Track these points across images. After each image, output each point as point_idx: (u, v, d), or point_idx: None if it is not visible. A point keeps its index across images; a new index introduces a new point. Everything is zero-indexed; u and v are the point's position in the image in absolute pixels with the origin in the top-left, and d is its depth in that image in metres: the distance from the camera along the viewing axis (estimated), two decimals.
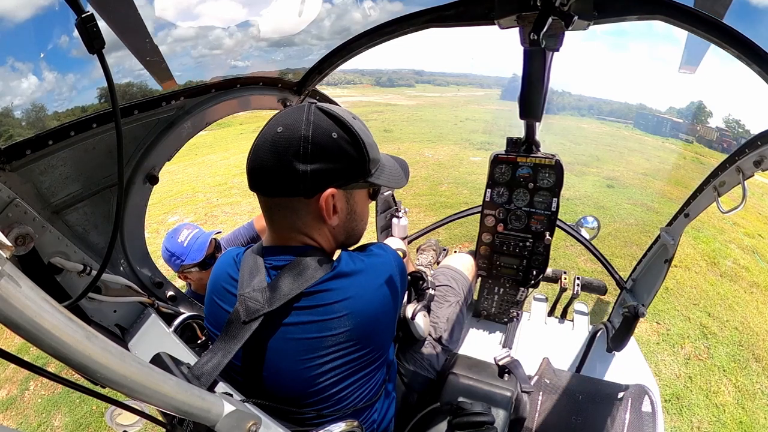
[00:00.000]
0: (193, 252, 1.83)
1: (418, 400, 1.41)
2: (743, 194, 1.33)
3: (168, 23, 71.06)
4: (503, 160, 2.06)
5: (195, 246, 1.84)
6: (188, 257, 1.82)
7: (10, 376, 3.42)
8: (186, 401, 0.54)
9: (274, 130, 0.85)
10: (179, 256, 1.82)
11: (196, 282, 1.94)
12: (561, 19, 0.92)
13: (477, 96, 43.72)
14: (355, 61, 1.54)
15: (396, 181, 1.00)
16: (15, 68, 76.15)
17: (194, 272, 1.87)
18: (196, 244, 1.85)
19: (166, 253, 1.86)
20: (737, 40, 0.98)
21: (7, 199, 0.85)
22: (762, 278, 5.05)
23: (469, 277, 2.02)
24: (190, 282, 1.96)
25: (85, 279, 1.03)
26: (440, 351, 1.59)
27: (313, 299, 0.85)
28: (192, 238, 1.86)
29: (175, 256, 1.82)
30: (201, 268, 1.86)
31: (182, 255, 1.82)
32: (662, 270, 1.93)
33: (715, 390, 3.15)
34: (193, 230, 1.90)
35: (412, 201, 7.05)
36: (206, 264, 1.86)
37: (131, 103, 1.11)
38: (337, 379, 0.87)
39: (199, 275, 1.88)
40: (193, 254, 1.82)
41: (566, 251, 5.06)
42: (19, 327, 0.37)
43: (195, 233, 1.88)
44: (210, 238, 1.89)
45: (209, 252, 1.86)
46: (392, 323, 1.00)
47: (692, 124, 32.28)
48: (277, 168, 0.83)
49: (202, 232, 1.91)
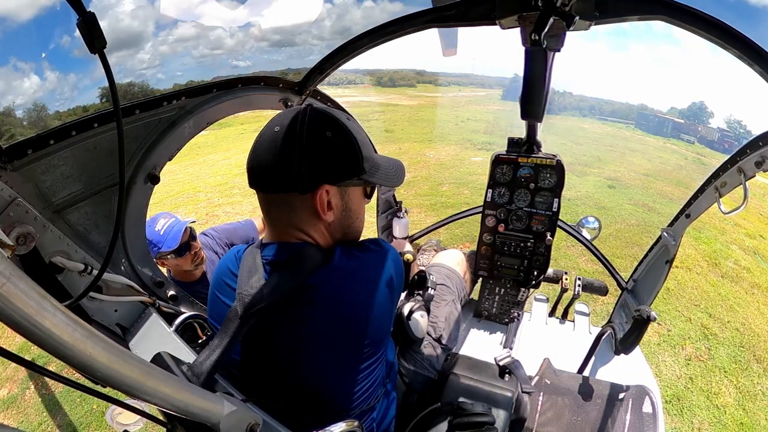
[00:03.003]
0: (169, 240, 1.94)
1: (419, 400, 1.41)
2: (744, 195, 1.33)
3: (169, 23, 69.72)
4: (504, 160, 2.06)
5: (171, 234, 1.96)
6: (164, 245, 1.93)
7: (11, 375, 3.42)
8: (187, 401, 0.54)
9: (272, 129, 0.88)
10: (156, 244, 1.93)
11: (173, 268, 2.08)
12: (562, 19, 0.92)
13: (478, 96, 43.65)
14: (356, 61, 1.54)
15: (390, 181, 1.01)
16: (17, 68, 76.02)
17: (170, 259, 1.99)
18: (171, 232, 1.96)
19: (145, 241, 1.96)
20: (738, 40, 0.98)
21: (9, 198, 0.85)
22: (763, 279, 5.04)
23: (462, 273, 2.02)
24: (168, 268, 2.09)
25: (86, 278, 1.03)
26: (440, 350, 1.60)
27: (308, 293, 0.87)
28: (168, 226, 1.98)
29: (152, 243, 1.92)
30: (176, 254, 1.98)
31: (159, 243, 1.93)
32: (663, 271, 1.93)
33: (716, 391, 3.15)
34: (169, 219, 2.01)
35: (413, 201, 7.05)
36: (181, 251, 1.99)
37: (132, 102, 1.11)
38: (333, 374, 0.88)
39: (176, 261, 2.01)
40: (169, 242, 1.94)
41: (567, 252, 5.05)
42: (20, 326, 0.37)
43: (171, 222, 2.00)
44: (185, 227, 2.00)
45: (184, 240, 1.98)
46: (388, 318, 1.00)
47: (694, 125, 32.22)
48: (274, 165, 0.86)
49: (178, 221, 2.02)
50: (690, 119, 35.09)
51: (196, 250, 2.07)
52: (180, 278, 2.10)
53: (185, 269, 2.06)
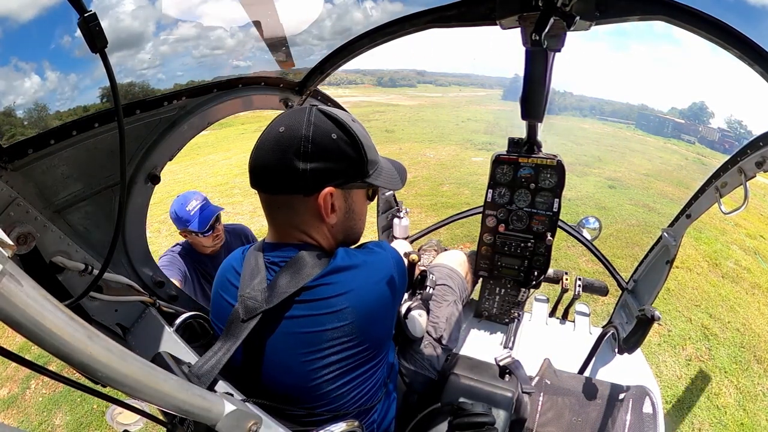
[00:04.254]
0: (199, 221, 2.13)
1: (419, 401, 1.41)
2: (745, 195, 1.33)
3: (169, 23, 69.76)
4: (505, 160, 2.06)
5: (200, 217, 2.14)
6: (192, 224, 2.12)
7: (12, 375, 3.43)
8: (187, 400, 0.54)
9: (276, 129, 0.87)
10: (185, 222, 2.13)
11: (193, 240, 2.25)
12: (563, 19, 0.92)
13: (479, 96, 43.68)
14: (356, 61, 1.54)
15: (393, 183, 1.01)
16: (18, 68, 75.94)
17: (194, 235, 2.19)
18: (201, 215, 2.14)
19: (174, 215, 2.16)
20: (739, 40, 0.98)
21: (9, 198, 0.85)
22: (764, 279, 5.04)
23: (464, 274, 2.02)
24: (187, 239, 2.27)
25: (87, 278, 1.03)
26: (440, 350, 1.59)
27: (310, 294, 0.86)
28: (199, 209, 2.16)
29: (181, 220, 2.13)
30: (201, 234, 2.16)
31: (188, 221, 2.12)
32: (664, 271, 1.92)
33: (717, 392, 3.14)
34: (201, 201, 2.19)
35: (414, 201, 7.05)
36: (206, 232, 2.17)
37: (133, 102, 1.11)
38: (334, 376, 0.88)
39: (197, 239, 2.21)
40: (198, 224, 2.12)
41: (567, 252, 5.05)
42: (20, 326, 0.37)
43: (202, 204, 2.18)
44: (216, 214, 2.19)
45: (212, 224, 2.17)
46: (390, 320, 1.00)
47: (694, 125, 32.20)
48: (278, 166, 0.86)
49: (209, 205, 2.20)
50: (690, 119, 35.13)
51: (218, 232, 2.27)
52: (195, 247, 2.29)
53: (204, 245, 2.25)
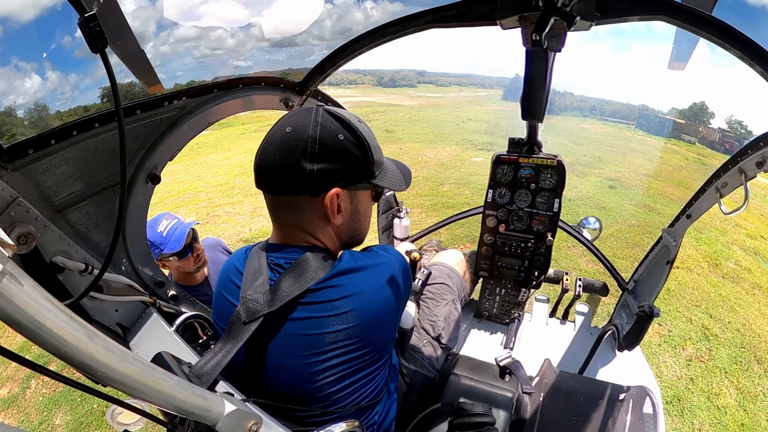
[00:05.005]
0: (172, 242, 1.88)
1: (419, 401, 1.41)
2: (745, 195, 1.32)
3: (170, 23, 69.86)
4: (505, 160, 2.06)
5: (174, 236, 1.89)
6: (167, 247, 1.87)
7: (12, 375, 3.43)
8: (187, 400, 0.54)
9: (282, 130, 0.87)
10: (158, 246, 1.86)
11: (174, 270, 2.00)
12: (563, 19, 0.92)
13: (479, 96, 43.67)
14: (357, 61, 1.54)
15: (398, 184, 1.01)
16: (19, 68, 75.80)
17: (172, 261, 1.92)
18: (174, 234, 1.90)
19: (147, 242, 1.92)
20: (739, 40, 0.97)
21: (10, 198, 0.85)
22: (764, 280, 5.03)
23: (462, 273, 2.02)
24: (170, 271, 2.02)
25: (87, 278, 1.03)
26: (440, 350, 1.59)
27: (314, 296, 0.86)
28: (171, 228, 1.90)
29: (154, 245, 1.86)
30: (179, 257, 1.91)
31: (161, 244, 1.87)
32: (664, 271, 1.92)
33: (717, 392, 3.14)
34: (171, 220, 1.94)
35: (414, 201, 7.04)
36: (184, 253, 1.92)
37: (134, 102, 1.11)
38: (336, 378, 0.87)
39: (178, 264, 1.94)
40: (172, 244, 1.88)
41: (568, 252, 5.05)
42: (21, 326, 0.37)
43: (174, 223, 1.92)
44: (189, 229, 1.93)
45: (187, 242, 1.92)
46: (394, 324, 1.00)
47: (694, 125, 32.19)
48: (284, 166, 0.85)
49: (181, 223, 1.95)
50: (691, 120, 35.07)
51: (198, 252, 2.01)
52: (182, 281, 2.03)
53: (187, 271, 2.01)
